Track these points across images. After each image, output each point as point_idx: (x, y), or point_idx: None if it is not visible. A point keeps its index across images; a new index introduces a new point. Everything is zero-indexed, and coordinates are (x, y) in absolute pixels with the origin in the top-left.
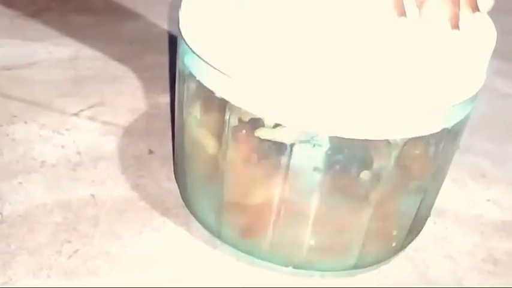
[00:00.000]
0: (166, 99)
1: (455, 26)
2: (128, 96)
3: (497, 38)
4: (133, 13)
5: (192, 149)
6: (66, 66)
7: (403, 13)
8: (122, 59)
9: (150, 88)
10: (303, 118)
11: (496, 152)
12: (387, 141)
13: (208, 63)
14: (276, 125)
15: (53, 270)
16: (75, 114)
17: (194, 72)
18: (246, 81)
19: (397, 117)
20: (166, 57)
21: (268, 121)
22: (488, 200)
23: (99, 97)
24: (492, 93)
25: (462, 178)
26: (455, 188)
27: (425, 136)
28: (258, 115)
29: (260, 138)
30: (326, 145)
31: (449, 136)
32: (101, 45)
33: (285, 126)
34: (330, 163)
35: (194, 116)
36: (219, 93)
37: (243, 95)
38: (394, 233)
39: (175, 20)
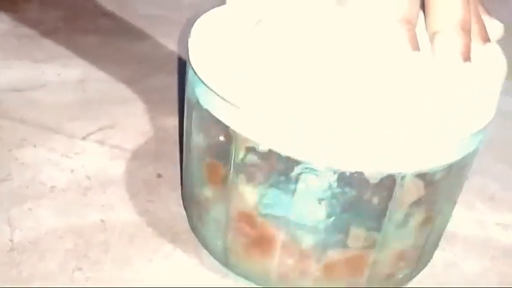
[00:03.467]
0: (175, 121)
1: (467, 59)
2: (137, 118)
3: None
4: (141, 33)
5: (199, 175)
6: (75, 88)
7: (417, 48)
8: (130, 81)
9: (158, 110)
10: (311, 151)
11: (505, 174)
12: (395, 175)
13: (216, 93)
14: (285, 156)
15: None
16: (84, 138)
17: (202, 102)
18: (254, 112)
19: (404, 151)
20: (175, 79)
21: (274, 151)
22: (498, 224)
23: (108, 120)
24: (501, 114)
25: (471, 201)
26: (463, 212)
27: (433, 169)
28: (264, 146)
29: (266, 168)
30: (332, 178)
31: (459, 168)
32: (109, 66)
33: (292, 157)
34: (336, 196)
35: (201, 145)
36: (226, 123)
37: (249, 125)
38: (404, 264)
39: (184, 41)
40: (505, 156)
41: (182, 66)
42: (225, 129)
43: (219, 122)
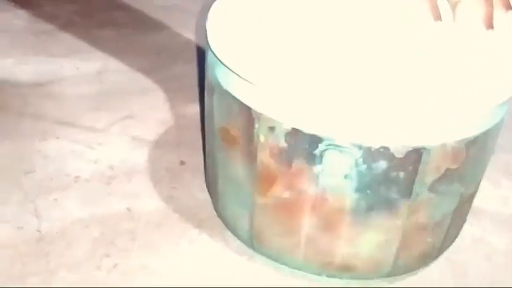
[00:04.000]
0: (196, 109)
1: (490, 26)
2: (157, 107)
3: None
4: (157, 24)
5: (223, 158)
6: (94, 80)
7: (438, 17)
8: (149, 71)
9: (179, 99)
10: (335, 127)
11: None
12: (422, 148)
13: (237, 74)
14: (308, 134)
15: (94, 285)
16: (106, 129)
17: (223, 83)
18: (275, 90)
19: (429, 124)
20: (194, 67)
21: (298, 129)
22: None
23: (129, 110)
24: None
25: (496, 177)
26: (490, 188)
27: (461, 141)
28: (287, 123)
29: (290, 146)
30: (357, 153)
31: (485, 140)
32: (127, 57)
33: (314, 134)
34: (362, 171)
35: (224, 126)
36: (248, 103)
37: (271, 104)
38: (429, 239)
39: (201, 29)
40: None
41: (200, 54)
42: (247, 110)
43: (240, 103)
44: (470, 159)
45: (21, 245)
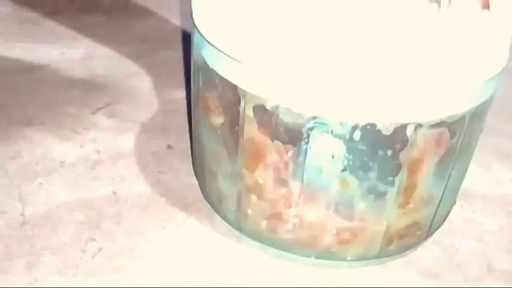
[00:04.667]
0: (182, 94)
1: (486, 7)
2: (144, 93)
3: None
4: (143, 10)
5: (210, 139)
6: (80, 66)
7: None
8: (135, 57)
9: (165, 84)
10: (321, 104)
11: None
12: (408, 125)
13: (223, 52)
14: (292, 111)
15: (79, 269)
16: (92, 113)
17: (209, 62)
18: (261, 68)
19: (417, 100)
20: (180, 53)
21: (284, 107)
22: None
23: (115, 95)
24: None
25: (487, 160)
26: (480, 170)
27: (447, 118)
28: (273, 101)
29: (276, 124)
30: (344, 131)
31: (475, 116)
32: (113, 43)
33: (300, 112)
34: (349, 150)
35: (210, 106)
36: (234, 81)
37: (257, 82)
38: (419, 219)
39: (187, 16)
40: None
41: (186, 40)
42: (233, 88)
43: (226, 81)
44: (458, 136)
45: (4, 229)
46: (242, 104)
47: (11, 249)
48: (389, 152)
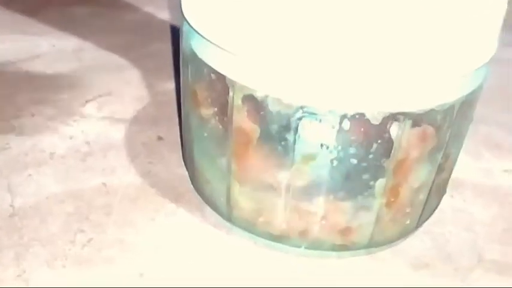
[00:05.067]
0: (172, 86)
1: None
2: (134, 85)
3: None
4: (132, 3)
5: (199, 130)
6: (70, 58)
7: None
8: (125, 49)
9: (155, 76)
10: (310, 94)
11: (510, 122)
12: (399, 114)
13: (211, 42)
14: (281, 101)
15: (68, 260)
16: (82, 105)
17: (198, 52)
18: (250, 58)
19: (406, 89)
20: (169, 46)
21: (273, 97)
22: (506, 171)
23: (105, 87)
24: (504, 64)
25: (477, 150)
26: (471, 160)
27: (440, 106)
28: (262, 91)
29: (265, 114)
30: (333, 120)
31: (464, 106)
32: (104, 36)
33: (289, 102)
34: (338, 139)
35: (199, 97)
36: (222, 71)
37: (246, 72)
38: (408, 210)
39: (175, 8)
40: (509, 106)
41: (175, 33)
42: (222, 79)
43: (215, 71)
44: (448, 125)
45: None
46: (231, 94)
47: (0, 240)
48: (379, 141)
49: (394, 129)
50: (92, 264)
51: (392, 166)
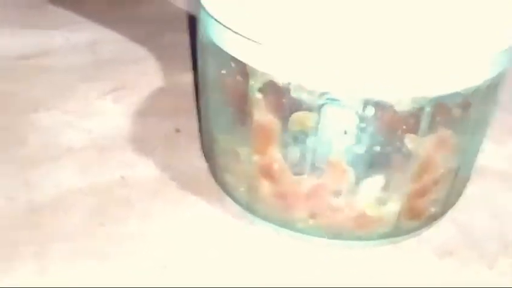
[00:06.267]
0: (189, 77)
1: None
2: (151, 76)
3: None
4: None
5: (218, 120)
6: (85, 51)
7: None
8: (141, 40)
9: (172, 67)
10: (332, 80)
11: None
12: (421, 100)
13: (231, 29)
14: (303, 87)
15: (89, 255)
16: (99, 98)
17: (216, 40)
18: (270, 44)
19: (434, 73)
20: (186, 36)
21: (295, 84)
22: None
23: (122, 80)
24: None
25: (502, 137)
26: (495, 147)
27: (461, 91)
28: (283, 79)
29: (286, 102)
30: (356, 106)
31: (489, 90)
32: (118, 27)
33: (311, 89)
34: (361, 126)
35: (218, 86)
36: (243, 59)
37: (266, 59)
38: (433, 197)
39: None
40: None
41: (192, 23)
42: (242, 66)
43: (235, 59)
44: (473, 110)
45: (13, 216)
46: (251, 82)
47: (19, 236)
48: (403, 127)
49: (419, 115)
50: (114, 258)
51: (417, 152)
